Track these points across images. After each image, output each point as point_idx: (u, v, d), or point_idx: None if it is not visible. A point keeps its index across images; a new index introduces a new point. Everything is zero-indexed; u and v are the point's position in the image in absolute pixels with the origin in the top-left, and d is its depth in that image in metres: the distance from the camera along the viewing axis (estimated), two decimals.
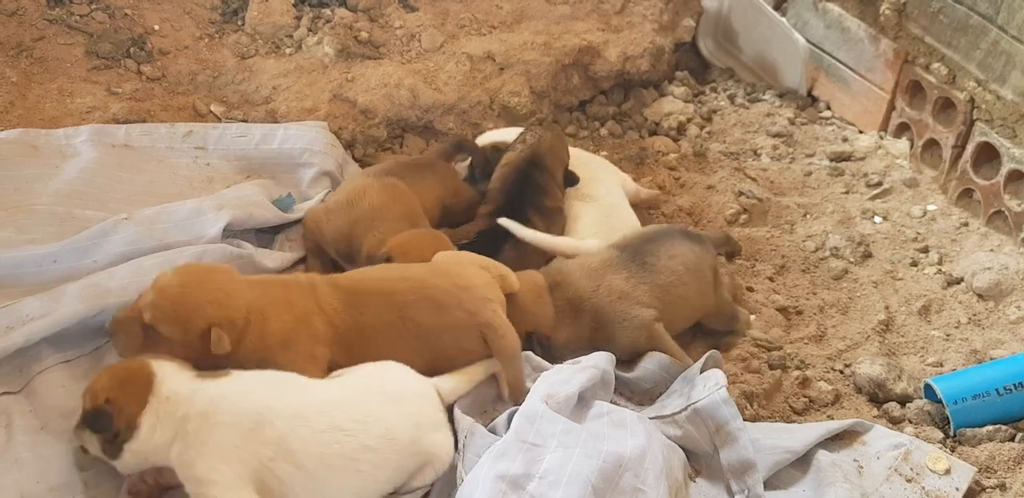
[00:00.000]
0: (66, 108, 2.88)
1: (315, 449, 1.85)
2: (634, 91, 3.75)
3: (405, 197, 2.60)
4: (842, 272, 2.89)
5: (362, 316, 2.13)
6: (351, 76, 3.23)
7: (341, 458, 1.87)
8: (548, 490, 1.76)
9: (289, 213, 2.70)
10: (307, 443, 1.85)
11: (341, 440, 1.87)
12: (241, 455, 1.81)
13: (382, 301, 2.16)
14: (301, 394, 1.93)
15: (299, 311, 2.08)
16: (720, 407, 2.04)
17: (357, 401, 1.95)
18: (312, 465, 1.84)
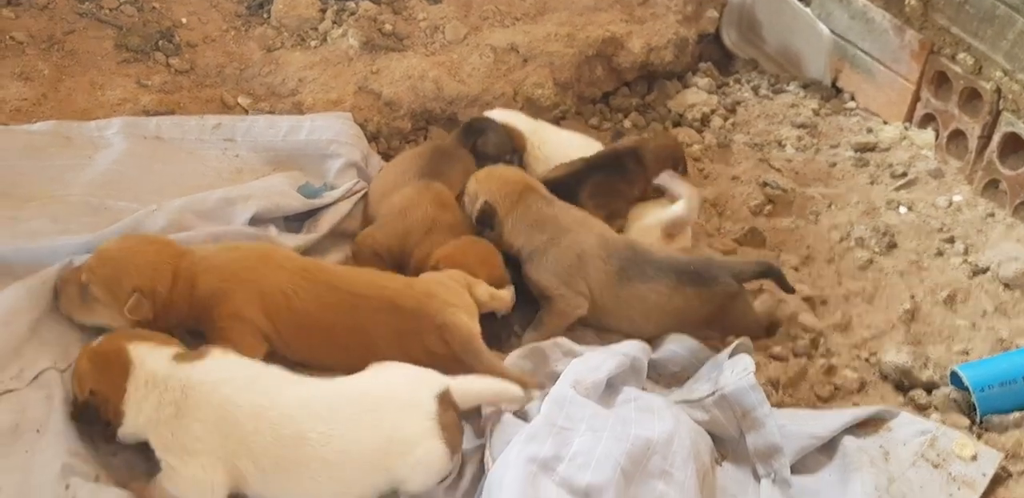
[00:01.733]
0: (97, 100, 2.92)
1: (275, 452, 1.84)
2: (657, 82, 3.75)
3: (452, 205, 2.65)
4: (867, 262, 2.89)
5: (316, 303, 2.17)
6: (376, 68, 3.26)
7: (299, 466, 1.84)
8: (578, 472, 1.79)
9: (315, 200, 2.73)
10: (267, 446, 1.84)
11: (301, 448, 1.84)
12: (208, 447, 1.84)
13: (345, 297, 2.20)
14: (273, 392, 1.91)
15: (243, 278, 2.15)
16: (748, 393, 2.06)
17: (328, 408, 1.90)
18: (270, 468, 1.85)
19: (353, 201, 2.78)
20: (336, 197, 2.76)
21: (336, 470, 1.85)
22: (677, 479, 1.85)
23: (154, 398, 1.87)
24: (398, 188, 2.67)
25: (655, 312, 2.43)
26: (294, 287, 2.18)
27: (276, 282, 2.17)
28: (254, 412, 1.86)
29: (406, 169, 2.76)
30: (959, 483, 2.07)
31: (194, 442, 1.84)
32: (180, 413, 1.85)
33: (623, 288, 2.41)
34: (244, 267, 2.18)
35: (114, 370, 1.89)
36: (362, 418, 1.89)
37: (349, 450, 1.86)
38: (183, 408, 1.86)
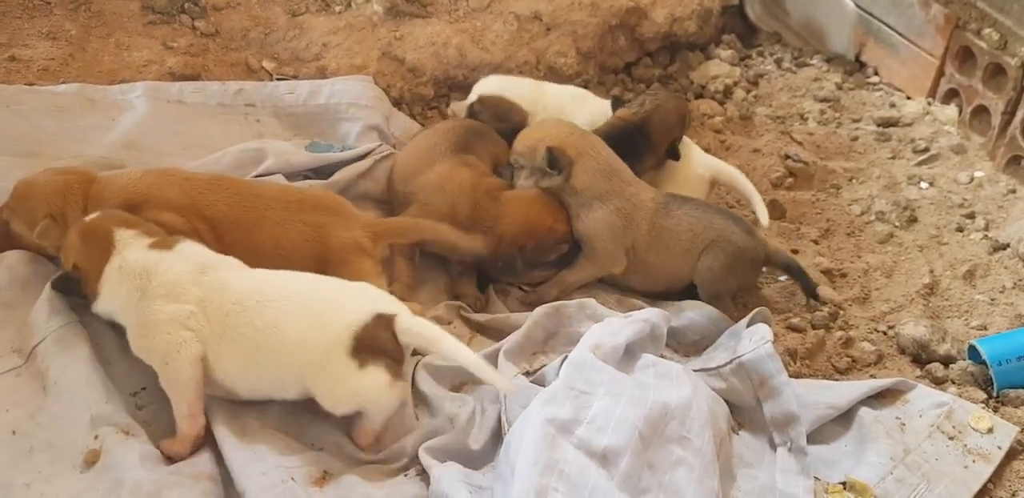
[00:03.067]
0: (123, 61, 2.93)
1: (221, 319, 1.93)
2: (680, 53, 3.74)
3: (488, 172, 2.67)
4: (887, 236, 2.89)
5: (229, 205, 2.23)
6: (399, 34, 3.25)
7: (238, 334, 1.92)
8: (596, 435, 1.81)
9: (326, 154, 2.73)
10: (216, 314, 1.93)
11: (241, 314, 1.92)
12: (169, 318, 1.91)
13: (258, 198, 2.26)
14: (232, 272, 2.01)
15: (149, 192, 2.19)
16: (765, 361, 2.07)
17: (273, 286, 1.99)
18: (219, 336, 1.93)
19: (373, 160, 2.74)
20: (351, 156, 2.74)
21: (264, 340, 1.92)
22: (694, 444, 1.87)
23: (127, 284, 1.96)
24: (429, 164, 2.61)
25: (684, 242, 2.44)
26: (203, 193, 2.23)
27: (184, 191, 2.21)
28: (211, 288, 1.95)
29: (436, 144, 2.68)
30: (974, 455, 2.08)
31: (157, 315, 1.92)
32: (144, 296, 1.94)
33: (661, 218, 2.44)
34: (148, 183, 2.21)
35: (97, 250, 1.99)
36: (300, 303, 1.95)
37: (279, 325, 1.91)
38: (147, 291, 1.94)
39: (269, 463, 1.85)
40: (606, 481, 1.73)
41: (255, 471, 1.82)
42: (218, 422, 1.95)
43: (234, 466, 1.85)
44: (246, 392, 1.99)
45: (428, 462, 1.89)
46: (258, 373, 1.95)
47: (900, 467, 2.02)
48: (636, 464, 1.78)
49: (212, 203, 2.21)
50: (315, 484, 1.86)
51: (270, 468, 1.83)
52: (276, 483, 1.79)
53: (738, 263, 2.47)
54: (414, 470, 1.96)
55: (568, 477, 1.71)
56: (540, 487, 1.67)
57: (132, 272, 1.96)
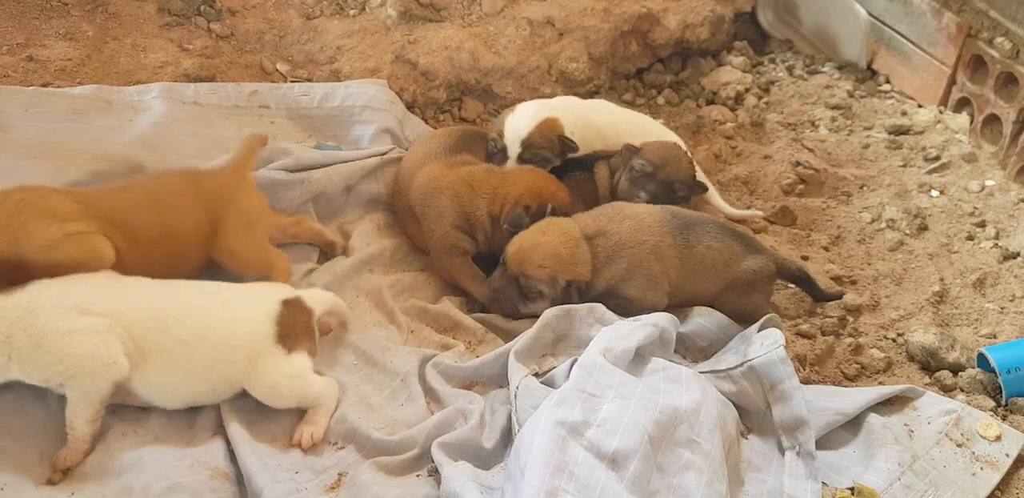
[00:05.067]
0: (139, 63, 2.95)
1: (142, 339, 1.96)
2: (692, 60, 3.75)
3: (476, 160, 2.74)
4: (898, 244, 2.89)
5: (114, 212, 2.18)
6: (413, 38, 3.27)
7: (162, 349, 1.97)
8: (606, 437, 1.82)
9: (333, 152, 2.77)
10: (134, 333, 1.96)
11: (163, 333, 1.97)
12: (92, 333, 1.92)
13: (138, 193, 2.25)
14: (122, 288, 2.03)
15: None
16: (776, 365, 2.07)
17: (183, 298, 2.05)
18: (143, 354, 1.96)
19: (380, 160, 2.79)
20: (360, 155, 2.78)
21: (193, 351, 1.98)
22: (703, 448, 1.87)
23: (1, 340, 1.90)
24: (426, 165, 2.67)
25: (717, 266, 2.46)
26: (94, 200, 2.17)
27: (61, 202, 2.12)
28: (101, 320, 1.94)
29: (430, 150, 2.75)
30: (982, 463, 2.08)
31: (63, 355, 1.90)
32: (35, 341, 1.90)
33: (688, 258, 2.44)
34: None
35: None
36: (213, 308, 2.05)
37: (202, 335, 1.99)
38: (36, 335, 1.90)
39: (285, 469, 1.87)
40: (616, 483, 1.74)
41: (269, 478, 1.84)
42: (231, 420, 1.97)
43: (249, 467, 1.87)
44: (169, 403, 2.03)
45: (441, 459, 1.92)
46: (188, 383, 2.00)
47: (908, 473, 2.02)
48: (645, 467, 1.79)
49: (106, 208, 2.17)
50: (330, 490, 1.90)
51: (285, 477, 1.86)
52: (291, 491, 1.83)
53: (757, 284, 2.50)
54: (426, 470, 1.98)
55: (578, 478, 1.72)
56: (551, 488, 1.68)
57: (5, 321, 1.91)
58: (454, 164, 2.67)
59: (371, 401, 2.17)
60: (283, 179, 2.57)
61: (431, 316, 2.51)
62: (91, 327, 1.92)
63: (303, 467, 1.94)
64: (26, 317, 1.91)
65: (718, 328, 2.41)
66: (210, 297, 2.09)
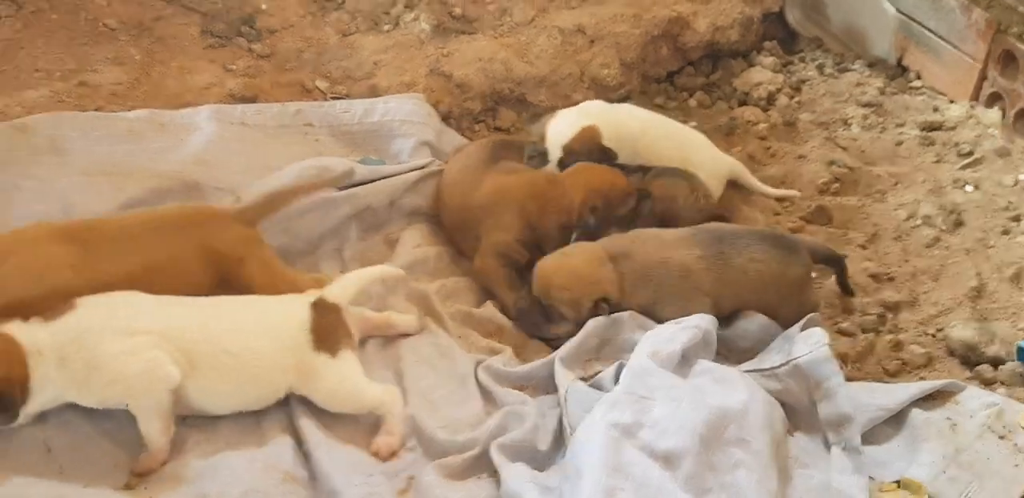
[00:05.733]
0: (186, 85, 3.07)
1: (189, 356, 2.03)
2: (722, 61, 3.80)
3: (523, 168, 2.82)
4: (934, 240, 2.93)
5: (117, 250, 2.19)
6: (447, 51, 3.36)
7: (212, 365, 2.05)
8: (658, 438, 1.89)
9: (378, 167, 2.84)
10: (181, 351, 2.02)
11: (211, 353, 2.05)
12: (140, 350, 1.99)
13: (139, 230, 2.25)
14: (160, 310, 2.08)
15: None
16: (822, 363, 2.13)
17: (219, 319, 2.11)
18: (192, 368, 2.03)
19: (421, 174, 2.86)
20: (403, 169, 2.85)
21: (238, 362, 2.06)
22: (753, 447, 1.94)
23: (56, 362, 1.96)
24: (475, 183, 2.73)
25: (765, 286, 2.47)
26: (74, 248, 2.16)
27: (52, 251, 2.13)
28: (155, 329, 2.02)
29: (468, 164, 2.82)
30: None
31: (118, 376, 1.98)
32: (90, 363, 1.97)
33: (726, 270, 2.44)
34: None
35: (9, 354, 1.95)
36: (250, 322, 2.11)
37: (245, 348, 2.07)
38: (89, 358, 1.97)
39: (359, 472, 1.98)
40: (670, 482, 1.81)
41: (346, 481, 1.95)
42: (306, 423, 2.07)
43: (328, 469, 1.97)
44: (220, 410, 2.12)
45: (499, 460, 2.00)
46: (237, 391, 2.10)
47: (952, 466, 2.06)
48: (698, 466, 1.86)
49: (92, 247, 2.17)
50: (401, 494, 2.00)
51: (360, 480, 1.96)
52: (367, 495, 1.93)
53: (806, 283, 2.56)
54: (486, 473, 2.06)
55: (634, 478, 1.79)
56: (608, 487, 1.76)
57: (57, 349, 1.96)
58: (510, 171, 2.74)
59: (431, 398, 2.25)
60: (331, 197, 2.65)
61: (476, 320, 2.59)
62: (140, 346, 1.99)
63: (376, 471, 2.03)
64: (78, 339, 1.98)
65: (760, 329, 2.45)
66: (245, 312, 2.16)
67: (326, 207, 2.64)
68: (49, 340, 1.97)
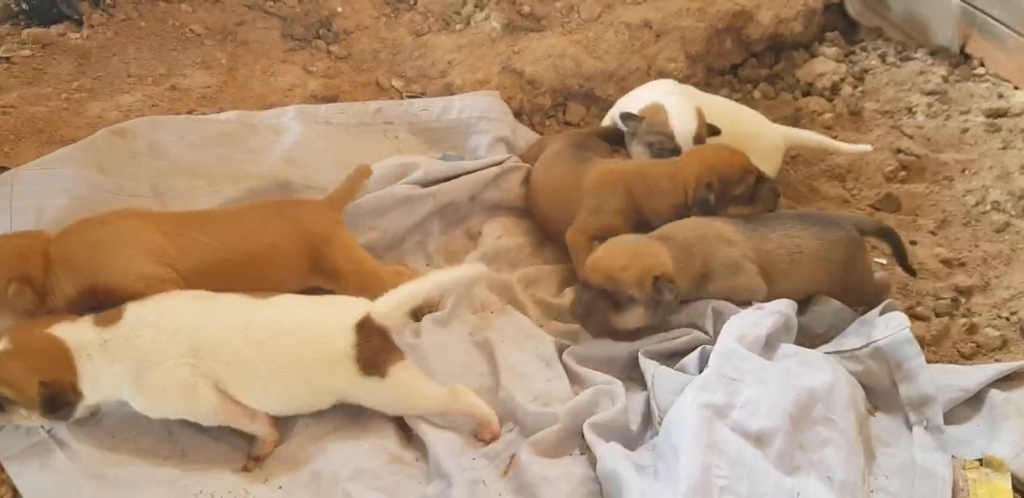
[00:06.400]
0: (270, 86, 3.19)
1: (225, 368, 2.04)
2: (785, 53, 3.86)
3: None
4: (1004, 225, 2.98)
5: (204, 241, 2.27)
6: (517, 48, 3.45)
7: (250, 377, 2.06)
8: (749, 418, 1.98)
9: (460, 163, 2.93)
10: (218, 364, 2.04)
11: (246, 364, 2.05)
12: (176, 366, 2.01)
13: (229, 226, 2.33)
14: (206, 318, 2.07)
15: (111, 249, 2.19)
16: (904, 345, 2.21)
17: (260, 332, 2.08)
18: (230, 380, 2.05)
19: (502, 169, 2.94)
20: (483, 164, 2.94)
21: (280, 380, 2.07)
22: (839, 426, 2.02)
23: (106, 367, 2.01)
24: (571, 173, 2.79)
25: (808, 261, 2.50)
26: (171, 235, 2.24)
27: (150, 238, 2.21)
28: (196, 337, 2.04)
29: (559, 151, 2.89)
30: None
31: (164, 381, 2.01)
32: (139, 368, 2.01)
33: (764, 242, 2.49)
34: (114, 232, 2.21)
35: (55, 357, 1.99)
36: (286, 349, 2.07)
37: (282, 368, 2.06)
38: (140, 364, 2.01)
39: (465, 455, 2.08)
40: (762, 460, 1.89)
41: (456, 464, 2.04)
42: None
43: (438, 451, 2.07)
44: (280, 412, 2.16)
45: (593, 439, 2.08)
46: (291, 398, 2.12)
47: None
48: (788, 444, 1.94)
49: (190, 236, 2.25)
50: (503, 475, 2.08)
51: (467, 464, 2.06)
52: (475, 481, 2.02)
53: (856, 257, 2.56)
54: (578, 449, 2.14)
55: (728, 456, 1.88)
56: (705, 464, 1.85)
57: (106, 352, 2.00)
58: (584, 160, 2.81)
59: (521, 372, 2.32)
60: (416, 194, 2.74)
61: (556, 309, 2.68)
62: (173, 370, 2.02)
63: (478, 454, 2.12)
64: (127, 348, 2.02)
65: (834, 314, 2.51)
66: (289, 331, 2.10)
67: (411, 204, 2.74)
68: (98, 345, 2.01)
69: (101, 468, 2.04)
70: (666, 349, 2.40)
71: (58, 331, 2.02)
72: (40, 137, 2.85)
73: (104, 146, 2.73)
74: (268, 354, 2.06)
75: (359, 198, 2.64)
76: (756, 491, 1.85)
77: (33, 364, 1.98)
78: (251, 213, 2.39)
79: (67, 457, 2.05)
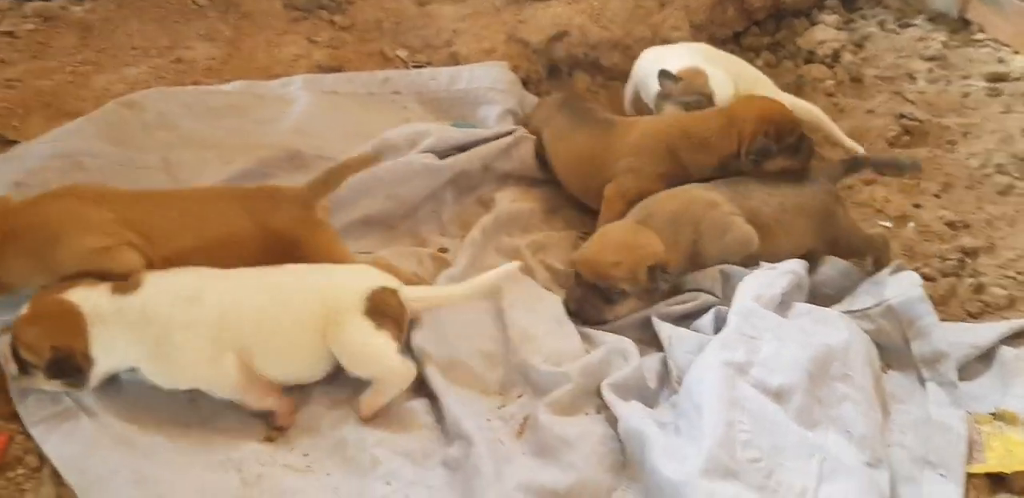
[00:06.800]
0: (275, 57, 3.18)
1: (242, 334, 2.03)
2: (786, 21, 3.87)
3: None
4: (1007, 187, 3.01)
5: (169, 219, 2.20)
6: (522, 18, 3.45)
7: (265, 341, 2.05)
8: (769, 374, 2.01)
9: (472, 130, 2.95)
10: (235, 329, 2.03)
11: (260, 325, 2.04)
12: (196, 345, 2.00)
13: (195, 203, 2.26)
14: (220, 286, 2.07)
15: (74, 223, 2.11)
16: (916, 304, 2.25)
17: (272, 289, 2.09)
18: (250, 347, 2.04)
19: (513, 138, 2.95)
20: (496, 133, 2.95)
21: (291, 337, 2.06)
22: (857, 382, 2.06)
23: (121, 335, 1.99)
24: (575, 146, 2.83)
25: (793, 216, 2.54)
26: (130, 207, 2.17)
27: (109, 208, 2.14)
28: (213, 306, 2.02)
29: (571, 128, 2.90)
30: None
31: (184, 349, 2.00)
32: (160, 338, 1.99)
33: (747, 201, 2.52)
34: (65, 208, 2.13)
35: (68, 322, 1.96)
36: (310, 293, 2.08)
37: (295, 324, 2.06)
38: (159, 332, 1.99)
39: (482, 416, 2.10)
40: (783, 415, 1.93)
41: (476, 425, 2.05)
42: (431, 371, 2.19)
43: (458, 414, 2.08)
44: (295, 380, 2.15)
45: (612, 399, 2.10)
46: (294, 360, 2.11)
47: None
48: (807, 400, 1.98)
49: (141, 216, 2.16)
50: (519, 435, 2.09)
51: (484, 425, 2.07)
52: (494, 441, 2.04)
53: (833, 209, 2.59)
54: (594, 408, 2.16)
55: (750, 412, 1.92)
56: (729, 420, 1.88)
57: (121, 320, 1.98)
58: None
59: (532, 333, 2.33)
60: (434, 165, 2.75)
61: (564, 276, 2.70)
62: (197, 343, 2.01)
63: (493, 415, 2.14)
64: (145, 318, 2.00)
65: (842, 275, 2.55)
66: (310, 276, 2.14)
67: (429, 174, 2.75)
68: (114, 311, 1.99)
69: (127, 435, 2.03)
70: (677, 312, 2.43)
71: (74, 296, 2.00)
72: (47, 111, 2.84)
73: (114, 118, 2.74)
74: (291, 308, 2.06)
75: (376, 166, 2.63)
76: (778, 445, 1.89)
77: (46, 329, 1.96)
78: (214, 199, 2.29)
79: (92, 423, 2.04)
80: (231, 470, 1.97)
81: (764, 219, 2.51)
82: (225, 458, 2.02)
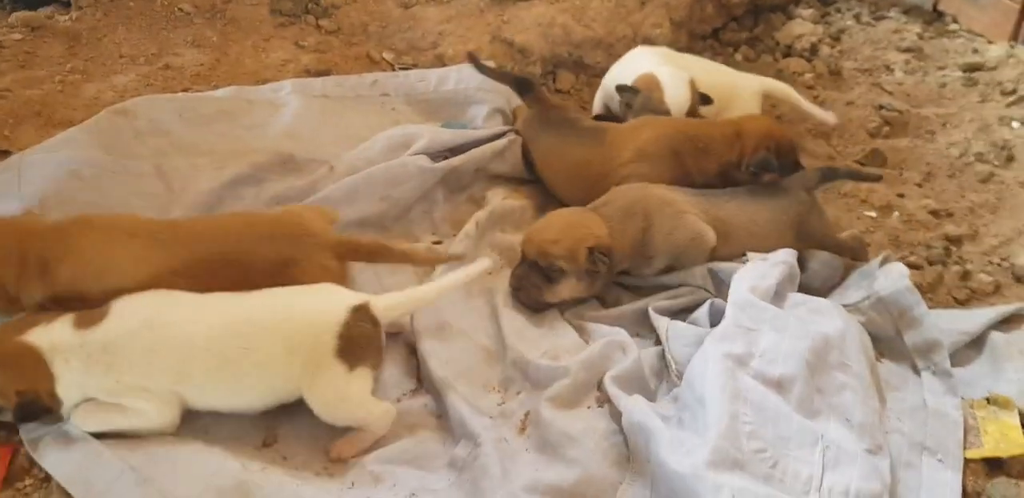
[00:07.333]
0: (263, 63, 3.20)
1: (204, 371, 1.97)
2: (763, 16, 3.93)
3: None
4: (988, 175, 3.08)
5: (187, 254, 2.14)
6: (506, 18, 3.48)
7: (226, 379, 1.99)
8: (769, 366, 2.06)
9: (463, 130, 2.96)
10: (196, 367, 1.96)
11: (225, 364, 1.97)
12: (148, 383, 1.95)
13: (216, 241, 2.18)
14: (187, 319, 1.99)
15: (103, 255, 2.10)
16: (905, 294, 2.31)
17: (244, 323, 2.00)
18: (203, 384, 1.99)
19: (507, 141, 2.96)
20: (488, 134, 2.97)
21: (256, 378, 1.99)
22: (854, 370, 2.11)
23: (82, 369, 1.93)
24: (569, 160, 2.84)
25: (763, 228, 2.59)
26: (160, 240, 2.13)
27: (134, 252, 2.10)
28: (177, 342, 1.96)
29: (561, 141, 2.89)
30: None
31: (135, 382, 1.95)
32: (111, 369, 1.94)
33: (712, 208, 2.57)
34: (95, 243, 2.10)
35: (28, 365, 1.92)
36: (273, 330, 1.99)
37: (265, 361, 1.98)
38: (113, 364, 1.94)
39: (485, 414, 2.13)
40: (784, 405, 1.98)
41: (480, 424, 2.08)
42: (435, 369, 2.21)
43: (463, 412, 2.11)
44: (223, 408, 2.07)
45: (615, 392, 2.12)
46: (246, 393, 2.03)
47: None
48: (807, 389, 2.03)
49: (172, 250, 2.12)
50: (521, 432, 2.12)
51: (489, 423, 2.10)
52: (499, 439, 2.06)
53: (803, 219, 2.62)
54: (595, 403, 2.19)
55: (753, 403, 1.96)
56: (732, 412, 1.93)
57: (82, 355, 1.93)
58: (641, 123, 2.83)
59: (528, 336, 2.36)
60: (429, 168, 2.77)
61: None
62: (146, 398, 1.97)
63: (496, 412, 2.17)
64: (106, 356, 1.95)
65: (828, 268, 2.57)
66: (271, 306, 2.04)
67: (423, 176, 2.76)
68: (78, 347, 1.94)
69: (126, 445, 2.00)
70: (672, 306, 2.48)
71: (32, 336, 1.93)
72: (38, 120, 2.84)
73: (106, 127, 2.75)
74: (260, 331, 1.99)
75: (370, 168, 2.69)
76: (781, 435, 1.94)
77: (8, 374, 1.92)
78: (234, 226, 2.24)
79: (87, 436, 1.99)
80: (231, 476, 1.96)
81: (737, 233, 2.56)
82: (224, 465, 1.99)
